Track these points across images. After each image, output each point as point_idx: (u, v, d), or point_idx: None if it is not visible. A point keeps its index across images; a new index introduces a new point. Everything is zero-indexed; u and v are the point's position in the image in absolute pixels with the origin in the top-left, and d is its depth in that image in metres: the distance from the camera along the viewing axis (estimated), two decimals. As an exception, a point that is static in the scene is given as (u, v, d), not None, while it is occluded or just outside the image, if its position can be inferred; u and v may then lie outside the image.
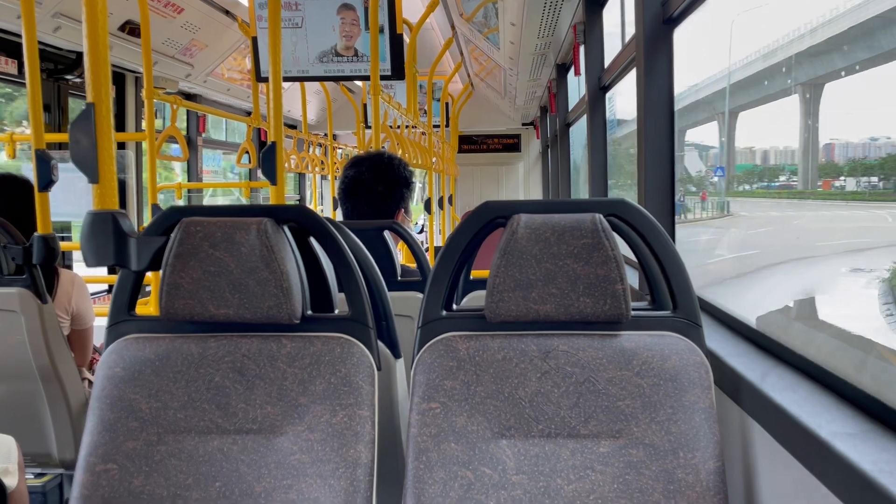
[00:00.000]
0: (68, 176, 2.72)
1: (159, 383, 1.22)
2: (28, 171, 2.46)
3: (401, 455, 1.45)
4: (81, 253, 1.26)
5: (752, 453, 1.16)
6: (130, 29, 3.70)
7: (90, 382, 2.40)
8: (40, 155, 2.13)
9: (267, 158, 1.99)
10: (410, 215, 2.22)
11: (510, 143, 9.26)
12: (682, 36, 1.99)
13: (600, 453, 1.15)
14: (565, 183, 5.47)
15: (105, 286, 4.29)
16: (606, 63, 3.23)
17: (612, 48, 3.29)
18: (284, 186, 2.08)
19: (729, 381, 1.23)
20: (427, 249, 4.64)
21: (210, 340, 1.24)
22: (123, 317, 1.29)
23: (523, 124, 9.00)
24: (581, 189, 5.56)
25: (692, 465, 1.12)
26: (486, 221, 1.23)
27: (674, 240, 1.93)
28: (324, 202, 8.70)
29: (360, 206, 2.09)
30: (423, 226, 8.57)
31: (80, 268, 4.34)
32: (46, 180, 2.14)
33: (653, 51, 1.95)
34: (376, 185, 2.07)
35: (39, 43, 2.22)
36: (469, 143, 9.14)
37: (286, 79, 3.78)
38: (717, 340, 1.40)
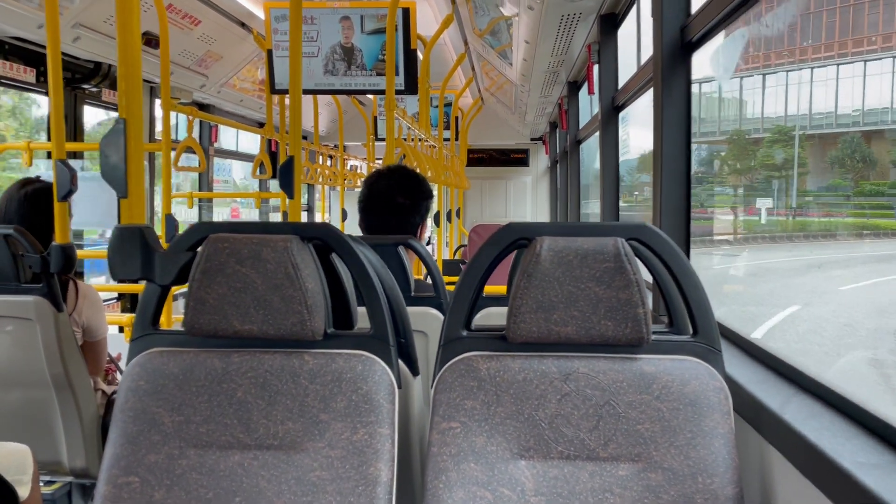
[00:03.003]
0: (85, 185, 2.74)
1: (182, 397, 1.23)
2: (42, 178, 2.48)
3: (416, 472, 1.46)
4: (108, 265, 1.27)
5: (772, 481, 1.16)
6: (148, 40, 3.74)
7: (103, 393, 2.41)
8: (61, 165, 2.15)
9: (285, 173, 2.01)
10: (428, 227, 2.27)
11: (518, 158, 9.29)
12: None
13: (619, 476, 1.15)
14: (575, 199, 5.48)
15: (115, 294, 4.31)
16: (620, 83, 3.25)
17: (626, 67, 3.31)
18: (301, 199, 2.10)
19: (748, 408, 1.23)
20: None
21: (233, 355, 1.25)
22: (148, 330, 1.30)
23: (532, 139, 9.04)
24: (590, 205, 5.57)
25: (711, 491, 1.12)
26: (508, 242, 1.24)
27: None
28: (331, 213, 8.73)
29: (386, 218, 2.11)
30: (430, 238, 8.59)
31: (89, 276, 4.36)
32: (66, 190, 2.16)
33: (670, 74, 1.97)
34: (405, 199, 2.11)
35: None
36: (477, 157, 9.17)
37: (302, 92, 3.81)
38: (736, 366, 1.40)
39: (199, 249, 1.23)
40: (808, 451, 0.99)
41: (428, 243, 8.49)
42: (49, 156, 3.74)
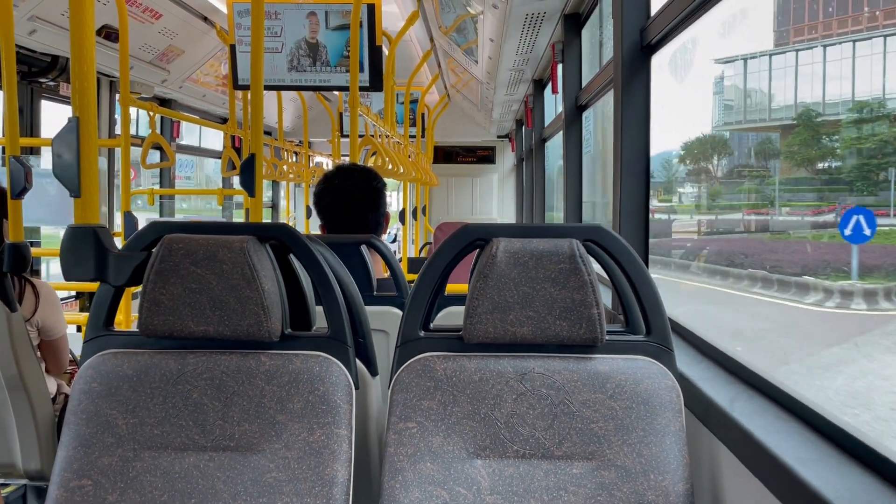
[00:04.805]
0: (38, 182, 2.68)
1: (136, 399, 1.22)
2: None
3: (374, 472, 1.46)
4: (61, 266, 1.25)
5: (720, 477, 1.19)
6: (107, 33, 3.67)
7: (66, 396, 2.37)
8: (15, 161, 2.10)
9: (246, 170, 1.99)
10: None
11: (485, 155, 9.32)
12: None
13: (573, 475, 1.17)
14: (540, 197, 5.52)
15: (73, 292, 4.23)
16: (584, 83, 3.29)
17: (589, 65, 3.35)
18: (262, 198, 2.08)
19: (699, 405, 1.26)
20: (400, 259, 4.63)
21: (189, 357, 1.24)
22: (101, 332, 1.28)
23: (498, 137, 9.07)
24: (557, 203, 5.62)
25: (662, 488, 1.15)
26: (465, 244, 1.26)
27: (647, 265, 1.97)
28: (297, 210, 8.66)
29: (348, 217, 2.10)
30: (395, 235, 8.58)
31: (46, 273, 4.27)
32: (20, 187, 2.10)
33: (630, 76, 2.00)
34: (366, 197, 2.11)
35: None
36: (444, 154, 9.17)
37: (265, 87, 3.77)
38: (688, 364, 1.43)
39: (154, 250, 1.22)
40: (754, 447, 1.02)
41: (393, 240, 8.50)
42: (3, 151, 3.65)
